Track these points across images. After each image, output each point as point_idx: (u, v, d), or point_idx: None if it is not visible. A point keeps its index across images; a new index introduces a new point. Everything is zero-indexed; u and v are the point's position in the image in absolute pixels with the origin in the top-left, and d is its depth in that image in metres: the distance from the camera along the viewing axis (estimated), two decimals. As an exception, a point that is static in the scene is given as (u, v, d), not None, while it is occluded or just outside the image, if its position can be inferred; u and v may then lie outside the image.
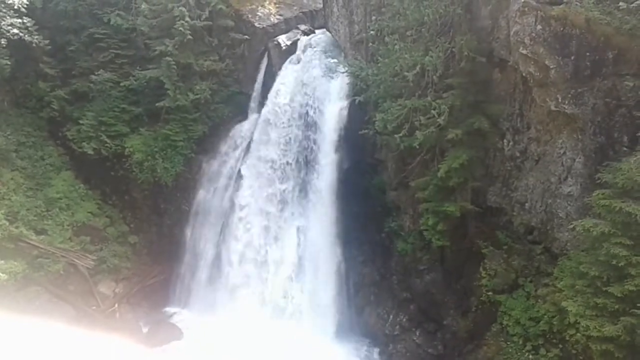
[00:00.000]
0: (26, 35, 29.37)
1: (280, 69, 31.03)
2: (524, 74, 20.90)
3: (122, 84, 31.62)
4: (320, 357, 27.66)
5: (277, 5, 33.12)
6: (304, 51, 31.18)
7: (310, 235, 29.61)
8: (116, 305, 29.95)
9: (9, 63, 29.21)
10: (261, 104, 31.28)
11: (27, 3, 28.98)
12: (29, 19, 29.46)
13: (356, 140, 27.94)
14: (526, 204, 22.67)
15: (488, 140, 23.07)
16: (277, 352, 27.21)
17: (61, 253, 28.95)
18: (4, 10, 28.74)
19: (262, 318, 29.57)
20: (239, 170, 31.17)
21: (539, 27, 19.64)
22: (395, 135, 23.46)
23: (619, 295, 16.98)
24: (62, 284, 28.68)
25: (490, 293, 23.26)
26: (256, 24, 32.17)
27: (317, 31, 32.61)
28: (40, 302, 27.00)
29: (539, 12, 19.60)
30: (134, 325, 29.49)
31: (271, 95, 30.39)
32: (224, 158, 31.99)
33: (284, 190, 30.09)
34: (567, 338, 19.44)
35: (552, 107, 20.18)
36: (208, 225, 32.01)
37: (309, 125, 29.32)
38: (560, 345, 20.36)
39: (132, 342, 27.58)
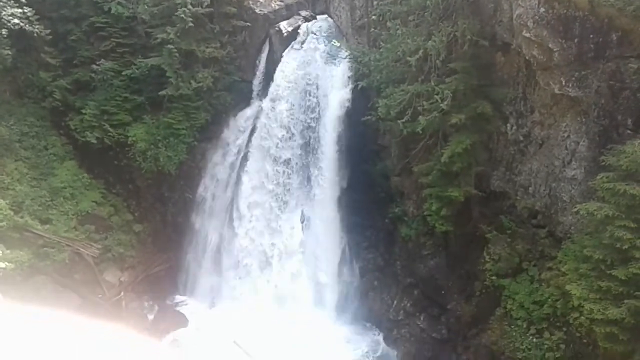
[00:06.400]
0: (27, 25, 29.18)
1: (282, 55, 30.80)
2: (527, 57, 20.78)
3: (123, 73, 31.42)
4: (324, 342, 27.84)
5: (277, -9, 32.86)
6: (305, 37, 30.98)
7: (314, 222, 29.72)
8: (122, 294, 30.10)
9: (10, 53, 29.04)
10: (263, 90, 31.15)
11: (27, -7, 28.85)
12: (30, 9, 29.22)
13: (359, 126, 27.88)
14: (530, 188, 22.65)
15: (491, 124, 23.02)
16: (282, 338, 27.38)
17: (66, 242, 29.02)
18: (4, 1, 28.56)
19: (267, 304, 29.75)
20: (242, 158, 31.17)
21: (542, 9, 19.49)
22: (398, 121, 23.43)
23: (623, 278, 17.05)
24: (67, 273, 28.79)
25: (494, 277, 23.35)
26: (257, 11, 31.91)
27: (318, 17, 32.35)
28: (46, 291, 27.13)
29: (542, -6, 19.44)
30: (139, 313, 29.75)
31: (273, 82, 30.28)
32: (227, 146, 31.92)
33: (287, 177, 30.11)
34: (571, 321, 19.53)
35: (556, 90, 20.10)
36: (212, 213, 32.07)
37: (312, 111, 29.26)
38: (564, 329, 20.48)
39: (138, 330, 27.71)
